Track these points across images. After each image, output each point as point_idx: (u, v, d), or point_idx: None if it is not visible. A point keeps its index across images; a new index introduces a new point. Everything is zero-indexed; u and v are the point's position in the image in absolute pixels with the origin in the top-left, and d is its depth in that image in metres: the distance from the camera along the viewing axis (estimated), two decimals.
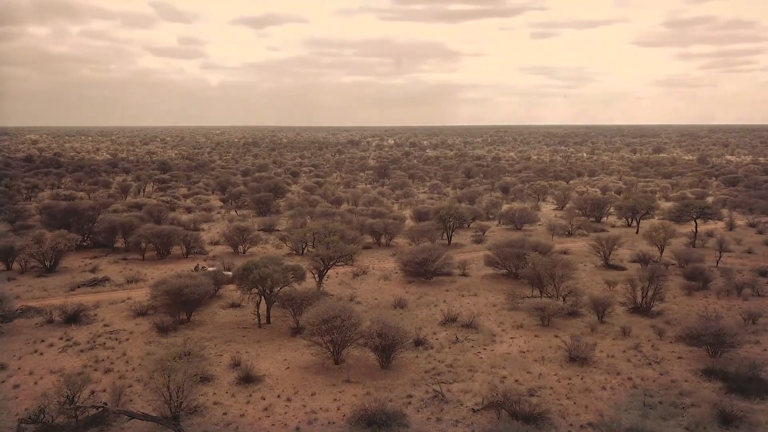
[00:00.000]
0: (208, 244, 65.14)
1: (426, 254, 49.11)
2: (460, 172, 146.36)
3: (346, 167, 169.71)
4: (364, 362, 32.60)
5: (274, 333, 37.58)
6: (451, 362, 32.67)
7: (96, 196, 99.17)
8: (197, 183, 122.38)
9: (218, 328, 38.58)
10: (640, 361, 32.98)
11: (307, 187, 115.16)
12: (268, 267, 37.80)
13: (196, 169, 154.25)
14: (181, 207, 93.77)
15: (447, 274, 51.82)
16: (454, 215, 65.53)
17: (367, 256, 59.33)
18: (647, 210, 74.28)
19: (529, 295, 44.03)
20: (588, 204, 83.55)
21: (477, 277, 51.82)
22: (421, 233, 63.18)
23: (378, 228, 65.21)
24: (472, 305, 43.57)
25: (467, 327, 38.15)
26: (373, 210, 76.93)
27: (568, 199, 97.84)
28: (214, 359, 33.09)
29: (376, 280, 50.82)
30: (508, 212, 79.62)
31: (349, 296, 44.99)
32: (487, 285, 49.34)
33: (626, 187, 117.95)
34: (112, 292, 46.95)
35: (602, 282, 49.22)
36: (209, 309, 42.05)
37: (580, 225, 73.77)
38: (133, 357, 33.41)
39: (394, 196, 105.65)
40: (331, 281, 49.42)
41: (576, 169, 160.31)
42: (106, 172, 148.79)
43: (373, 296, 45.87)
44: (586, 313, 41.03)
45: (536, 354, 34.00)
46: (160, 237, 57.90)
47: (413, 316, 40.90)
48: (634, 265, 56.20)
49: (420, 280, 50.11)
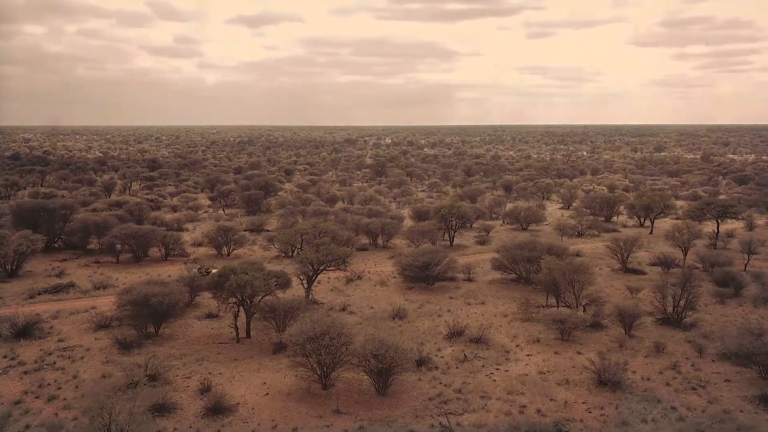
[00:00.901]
0: (191, 245, 60.21)
1: (427, 257, 44.20)
2: (460, 171, 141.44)
3: (342, 165, 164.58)
4: (357, 387, 27.68)
5: (254, 349, 32.62)
6: (459, 386, 27.77)
7: (77, 195, 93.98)
8: (186, 181, 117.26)
9: (190, 343, 33.60)
10: (682, 384, 28.10)
11: (301, 185, 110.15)
12: (247, 273, 32.87)
13: (186, 167, 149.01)
14: (167, 206, 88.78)
15: (450, 279, 46.92)
16: (456, 214, 60.61)
17: (363, 259, 54.43)
18: (662, 209, 69.47)
19: (544, 304, 39.14)
20: (597, 203, 78.71)
21: (483, 283, 46.94)
22: (421, 234, 58.27)
23: (374, 228, 60.28)
24: (480, 315, 38.67)
25: (476, 342, 33.26)
26: (369, 209, 71.99)
27: (574, 198, 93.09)
28: (181, 383, 28.11)
29: (372, 285, 45.91)
30: (512, 211, 74.76)
31: (342, 305, 40.07)
32: (496, 291, 44.45)
33: (633, 185, 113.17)
34: (76, 300, 41.90)
35: (622, 288, 44.41)
36: (183, 320, 37.08)
37: (590, 225, 68.94)
38: (85, 380, 28.42)
39: (391, 195, 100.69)
40: (321, 287, 44.50)
41: (578, 168, 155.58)
42: (93, 170, 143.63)
43: (368, 304, 40.95)
44: (610, 324, 36.18)
45: (558, 375, 29.10)
46: (136, 238, 52.86)
47: (414, 328, 35.99)
48: (654, 268, 51.45)
49: (421, 286, 45.22)
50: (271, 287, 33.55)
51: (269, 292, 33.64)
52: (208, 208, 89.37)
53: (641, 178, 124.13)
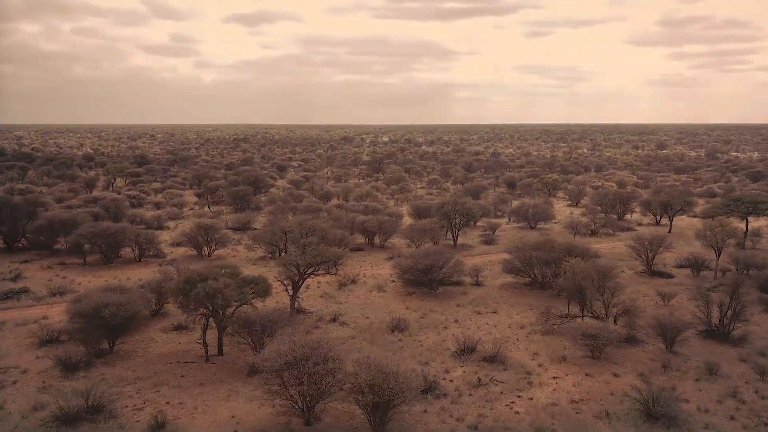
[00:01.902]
0: (170, 245, 54.78)
1: (431, 259, 38.82)
2: (460, 167, 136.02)
3: (338, 162, 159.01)
4: (348, 422, 22.34)
5: (225, 371, 27.24)
6: (474, 421, 22.46)
7: (55, 191, 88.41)
8: (173, 177, 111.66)
9: (150, 362, 28.19)
10: (750, 419, 22.83)
11: (294, 181, 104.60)
12: (218, 279, 27.47)
13: (176, 164, 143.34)
14: (150, 203, 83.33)
15: (457, 283, 41.58)
16: (460, 211, 55.21)
17: (358, 260, 49.08)
18: (682, 206, 64.19)
19: (566, 313, 33.83)
20: (609, 199, 73.40)
21: (494, 288, 41.60)
22: (422, 232, 52.90)
23: (371, 226, 54.85)
24: (492, 327, 33.37)
25: (491, 361, 27.94)
26: (365, 205, 66.49)
27: (583, 195, 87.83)
28: (129, 417, 22.72)
29: (367, 291, 40.55)
30: (519, 209, 69.43)
31: (333, 314, 34.71)
32: (508, 298, 39.12)
33: (643, 181, 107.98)
34: (27, 308, 36.39)
35: (652, 294, 39.17)
36: (145, 333, 31.70)
37: (605, 223, 63.65)
38: (12, 412, 23.03)
39: (389, 192, 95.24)
40: (310, 293, 39.14)
41: (582, 164, 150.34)
42: (80, 166, 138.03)
43: (363, 313, 35.61)
44: (647, 338, 30.91)
45: (595, 406, 23.80)
46: (105, 237, 47.38)
47: (417, 343, 30.65)
48: (681, 271, 46.28)
49: (423, 291, 39.87)
50: (247, 296, 28.14)
51: (244, 301, 28.25)
52: (194, 205, 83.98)
53: (649, 174, 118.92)
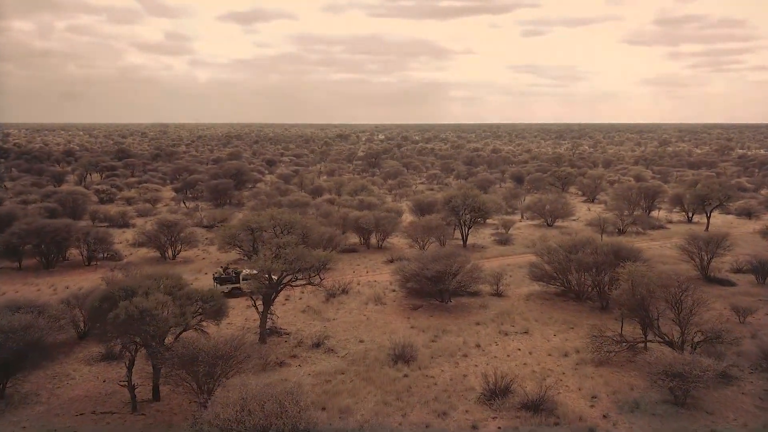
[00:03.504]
0: (131, 245, 46.47)
1: (442, 264, 30.61)
2: (461, 162, 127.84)
3: (332, 157, 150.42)
4: None
5: (159, 427, 19.03)
6: None
7: (16, 185, 79.93)
8: (153, 171, 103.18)
9: (53, 413, 19.93)
10: None
11: (283, 175, 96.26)
12: (149, 295, 19.26)
13: (160, 158, 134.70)
14: (122, 198, 75.10)
15: (473, 293, 33.43)
16: (471, 206, 46.99)
17: (351, 264, 40.96)
18: (721, 200, 56.22)
19: (626, 338, 25.65)
20: (634, 194, 65.29)
21: (518, 299, 33.47)
22: (427, 231, 44.76)
23: (366, 223, 46.51)
24: (527, 354, 25.24)
25: (535, 410, 19.82)
26: (360, 200, 58.19)
27: (599, 189, 79.85)
28: None
29: (362, 303, 32.38)
30: (535, 204, 61.34)
31: (317, 337, 26.53)
32: (540, 313, 30.98)
33: (660, 176, 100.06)
34: None
35: (722, 308, 31.10)
36: (63, 365, 23.46)
37: (634, 220, 55.61)
38: None
39: (386, 187, 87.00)
40: (290, 307, 30.98)
41: (589, 160, 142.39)
42: (57, 161, 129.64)
43: (356, 335, 27.46)
44: (742, 372, 22.83)
45: None
46: (42, 235, 39.07)
47: (428, 381, 22.49)
48: (742, 277, 38.35)
49: (431, 304, 31.75)
50: (188, 318, 19.90)
51: (186, 326, 20.03)
52: (171, 200, 75.72)
53: (666, 169, 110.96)
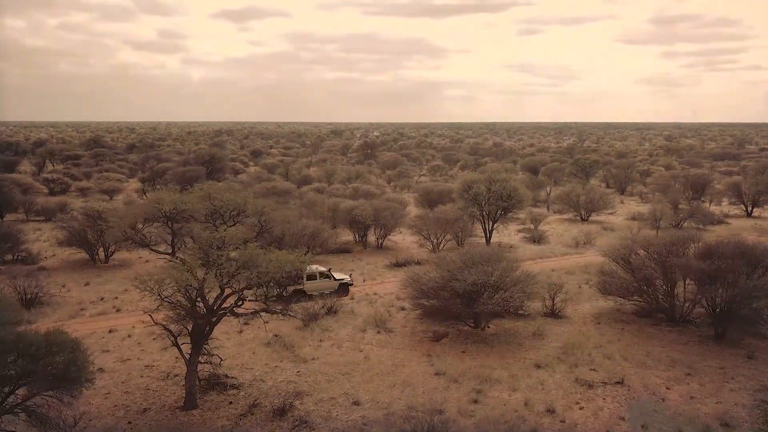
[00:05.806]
0: (57, 244, 35.69)
1: (481, 272, 19.90)
2: (464, 153, 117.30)
3: (325, 149, 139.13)
4: None
5: None
6: None
7: None
8: (121, 161, 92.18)
9: None
10: None
11: (267, 165, 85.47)
12: None
13: (135, 149, 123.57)
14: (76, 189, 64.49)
15: (519, 314, 22.74)
16: (499, 194, 36.14)
17: (343, 268, 30.27)
18: None
19: None
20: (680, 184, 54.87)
21: (584, 321, 22.93)
22: (443, 225, 34.12)
23: (363, 215, 35.52)
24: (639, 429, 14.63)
25: None
26: (354, 188, 47.35)
27: (629, 180, 69.51)
28: None
29: (357, 330, 21.75)
30: (565, 197, 50.93)
31: (283, 394, 15.85)
32: (626, 345, 20.38)
33: (689, 167, 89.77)
34: None
35: None
36: None
37: (692, 213, 45.19)
38: None
39: (385, 177, 76.27)
40: (250, 335, 20.34)
41: (602, 152, 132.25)
42: (25, 151, 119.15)
43: (347, 393, 16.78)
44: None
45: None
46: None
47: None
48: None
49: (460, 330, 21.19)
50: None
51: None
52: (134, 191, 65.08)
53: (696, 160, 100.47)
